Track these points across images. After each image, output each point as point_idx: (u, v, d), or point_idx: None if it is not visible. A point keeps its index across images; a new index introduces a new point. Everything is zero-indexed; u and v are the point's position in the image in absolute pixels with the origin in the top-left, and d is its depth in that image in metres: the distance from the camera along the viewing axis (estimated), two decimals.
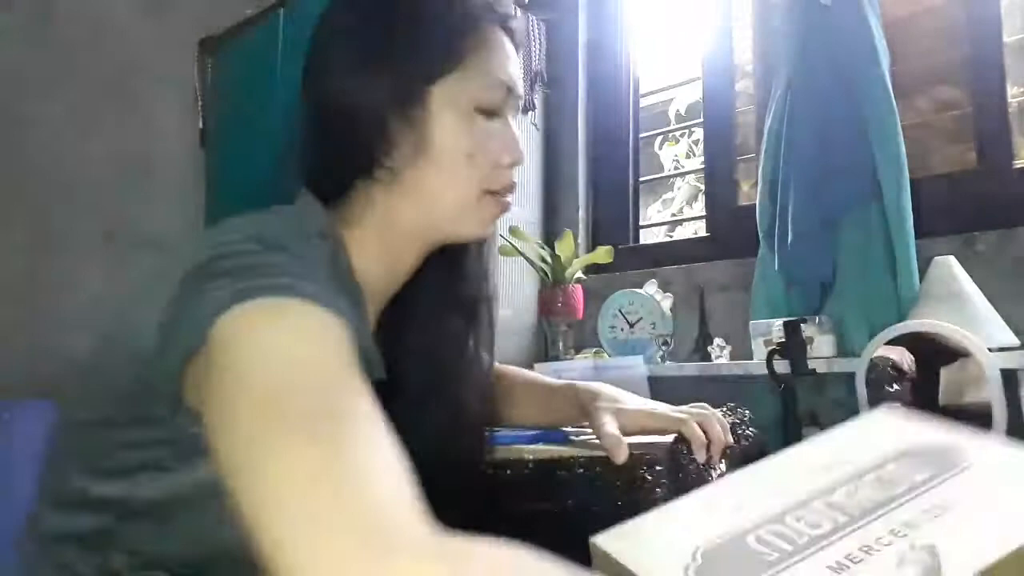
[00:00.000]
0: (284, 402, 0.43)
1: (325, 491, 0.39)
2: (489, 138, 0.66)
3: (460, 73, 0.64)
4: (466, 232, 0.69)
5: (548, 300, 1.74)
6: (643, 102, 2.09)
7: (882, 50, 1.35)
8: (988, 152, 1.43)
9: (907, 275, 1.27)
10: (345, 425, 0.43)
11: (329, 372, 0.46)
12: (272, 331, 0.47)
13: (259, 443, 0.42)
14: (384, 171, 0.65)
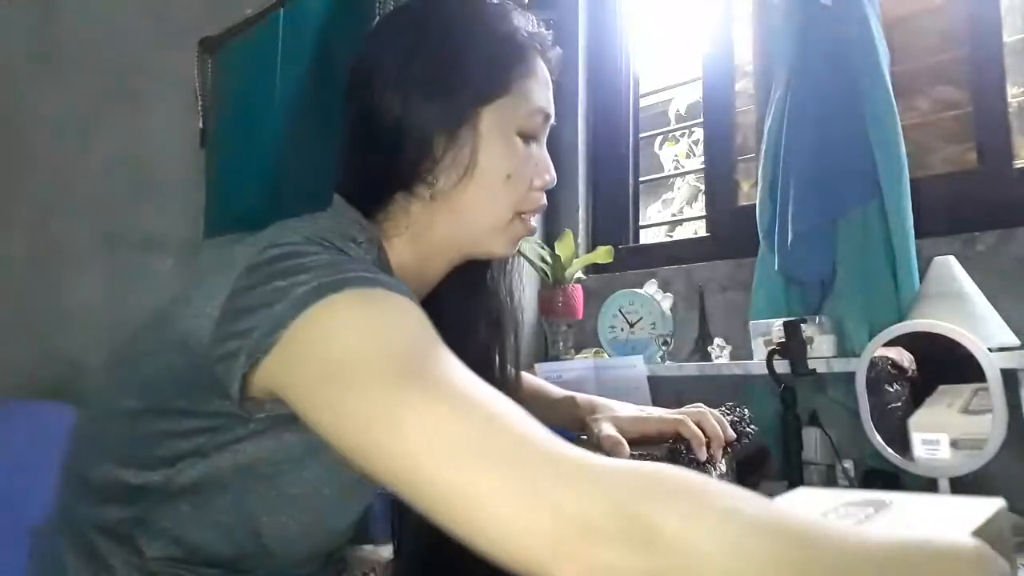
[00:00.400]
0: (411, 364, 0.47)
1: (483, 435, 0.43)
2: (527, 161, 0.71)
3: (507, 98, 0.68)
4: (495, 250, 0.72)
5: (548, 300, 1.74)
6: (643, 102, 2.09)
7: (882, 50, 1.35)
8: (988, 152, 1.43)
9: (907, 275, 1.27)
10: (464, 382, 0.47)
11: (430, 340, 0.51)
12: (370, 312, 0.51)
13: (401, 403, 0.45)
14: (424, 186, 0.67)
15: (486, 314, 0.78)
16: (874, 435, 1.12)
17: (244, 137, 1.83)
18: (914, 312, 1.20)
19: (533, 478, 0.42)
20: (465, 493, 0.42)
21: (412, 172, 0.67)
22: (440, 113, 0.66)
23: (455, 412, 0.45)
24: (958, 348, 1.05)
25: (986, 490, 1.11)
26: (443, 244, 0.71)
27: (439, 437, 0.44)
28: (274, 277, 0.54)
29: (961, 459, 1.04)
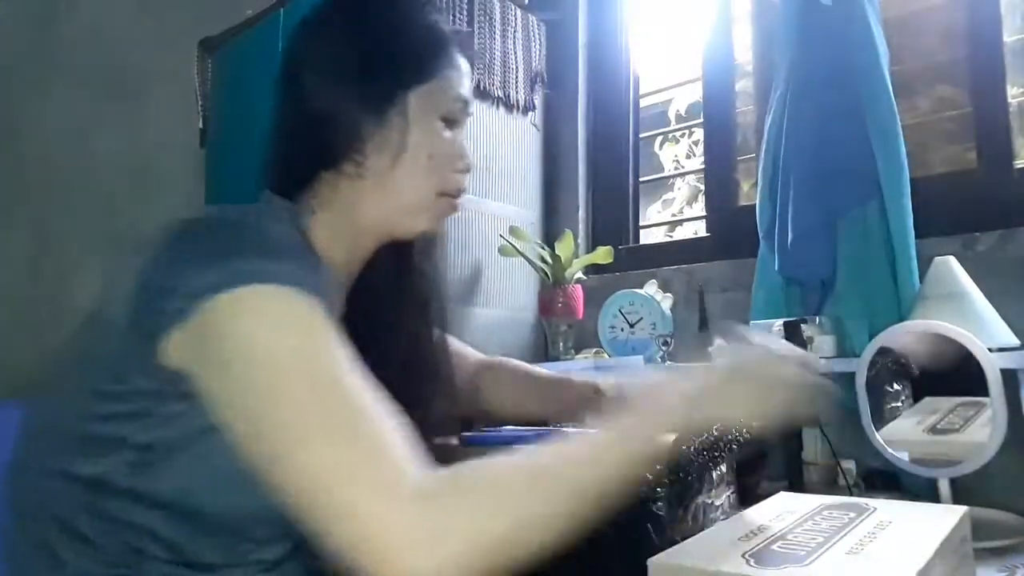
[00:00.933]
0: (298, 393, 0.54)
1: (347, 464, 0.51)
2: (448, 144, 0.76)
3: (431, 84, 0.74)
4: (419, 227, 0.77)
5: (548, 300, 1.74)
6: (643, 102, 2.09)
7: (882, 50, 1.34)
8: (988, 152, 1.43)
9: (907, 275, 1.27)
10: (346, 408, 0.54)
11: (329, 363, 0.56)
12: (272, 322, 0.56)
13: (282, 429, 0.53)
14: (352, 165, 0.72)
15: (414, 291, 0.83)
16: (874, 435, 1.12)
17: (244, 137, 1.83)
18: (914, 312, 1.20)
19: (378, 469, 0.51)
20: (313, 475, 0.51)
21: (342, 151, 0.72)
22: (370, 95, 0.71)
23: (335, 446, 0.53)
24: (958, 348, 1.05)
25: (986, 490, 1.11)
26: (370, 221, 0.75)
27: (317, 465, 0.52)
28: (187, 257, 0.60)
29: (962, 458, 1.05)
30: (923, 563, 0.51)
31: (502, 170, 1.85)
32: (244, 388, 0.56)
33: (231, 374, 0.56)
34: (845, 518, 0.64)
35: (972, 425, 1.05)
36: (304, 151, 0.75)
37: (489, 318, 1.77)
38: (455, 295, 1.69)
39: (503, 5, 1.85)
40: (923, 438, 1.09)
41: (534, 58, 1.94)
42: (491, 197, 1.81)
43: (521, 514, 0.52)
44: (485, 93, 1.79)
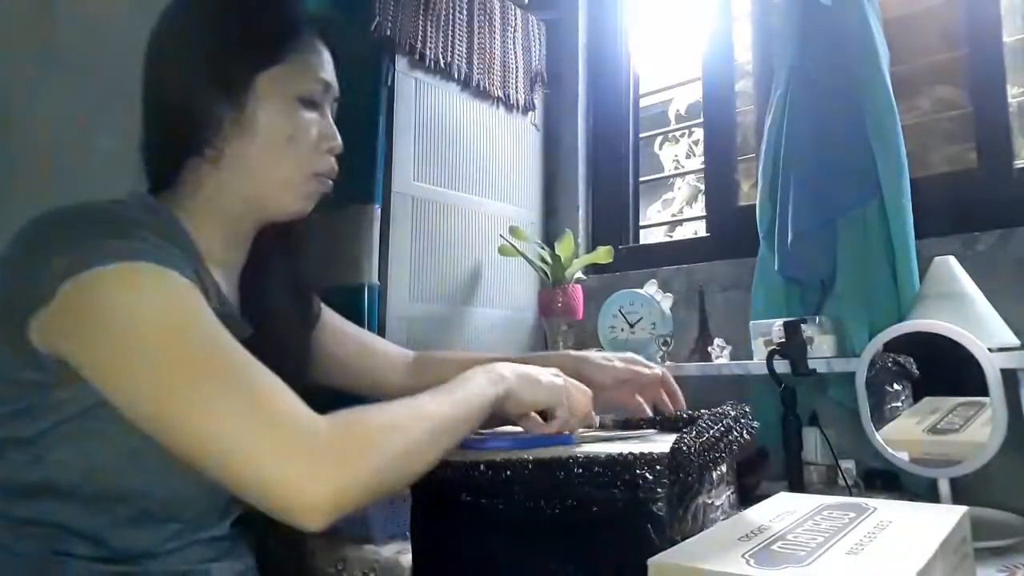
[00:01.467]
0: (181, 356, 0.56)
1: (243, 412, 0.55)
2: (308, 125, 0.76)
3: (283, 67, 0.75)
4: (290, 207, 0.78)
5: (548, 300, 1.74)
6: (643, 102, 2.09)
7: (882, 50, 1.34)
8: (988, 152, 1.43)
9: (907, 275, 1.27)
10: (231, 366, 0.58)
11: (199, 327, 0.59)
12: (143, 295, 0.58)
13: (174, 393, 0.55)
14: (211, 150, 0.73)
15: (291, 284, 0.85)
16: (874, 435, 1.12)
17: None
18: (914, 312, 1.20)
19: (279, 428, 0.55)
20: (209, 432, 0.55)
21: (198, 136, 0.72)
22: (219, 76, 0.72)
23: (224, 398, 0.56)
24: (958, 348, 1.05)
25: (986, 490, 1.11)
26: (239, 205, 0.76)
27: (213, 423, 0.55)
28: (44, 241, 0.62)
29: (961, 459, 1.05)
30: (923, 563, 0.51)
31: (502, 170, 1.85)
32: (124, 360, 0.57)
33: (107, 348, 0.57)
34: (845, 518, 0.64)
35: (972, 425, 1.05)
36: (164, 140, 0.76)
37: (489, 318, 1.77)
38: (455, 295, 1.70)
39: (503, 5, 1.85)
40: (923, 438, 1.09)
41: (534, 58, 1.94)
42: (491, 197, 1.81)
43: (396, 449, 0.59)
44: (485, 93, 1.79)
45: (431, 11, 1.64)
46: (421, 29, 1.61)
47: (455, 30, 1.70)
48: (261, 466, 0.54)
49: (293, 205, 0.78)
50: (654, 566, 0.56)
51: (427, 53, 1.62)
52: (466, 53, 1.73)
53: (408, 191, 1.60)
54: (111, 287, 0.58)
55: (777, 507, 0.69)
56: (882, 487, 1.23)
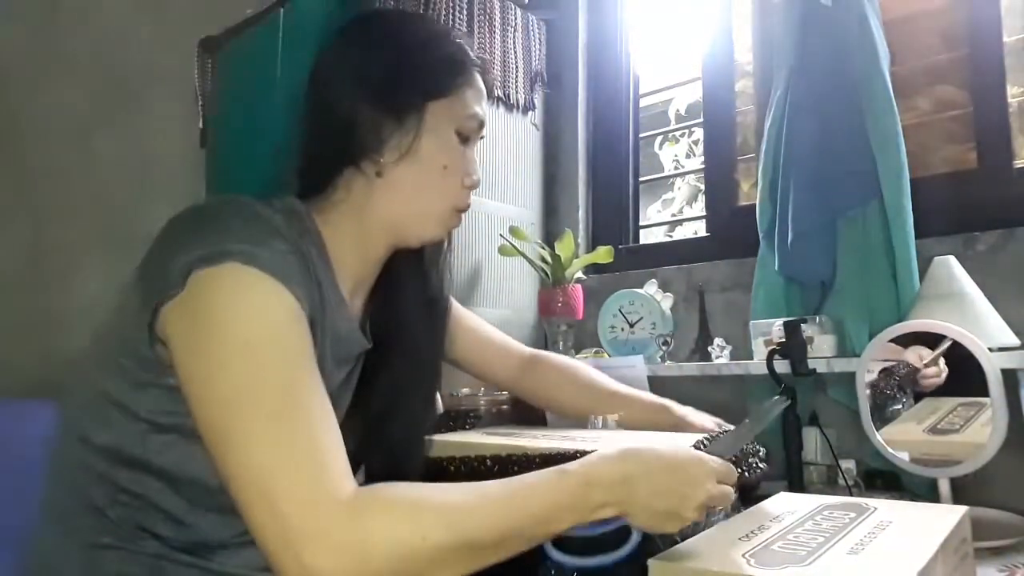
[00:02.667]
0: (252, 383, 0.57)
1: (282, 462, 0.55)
2: (461, 158, 0.81)
3: (449, 100, 0.79)
4: (428, 235, 0.82)
5: (548, 300, 1.74)
6: (643, 102, 2.09)
7: (882, 50, 1.34)
8: (988, 152, 1.43)
9: (907, 275, 1.27)
10: (297, 406, 0.58)
11: (286, 356, 0.60)
12: (241, 306, 0.60)
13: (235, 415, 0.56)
14: (372, 165, 0.77)
15: (423, 297, 0.88)
16: (874, 435, 1.12)
17: (244, 137, 1.83)
18: (914, 312, 1.20)
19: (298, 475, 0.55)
20: (250, 470, 0.55)
21: (361, 151, 0.76)
22: (392, 102, 0.76)
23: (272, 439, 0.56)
24: (958, 348, 1.05)
25: (986, 490, 1.11)
26: (380, 220, 0.79)
27: (255, 461, 0.56)
28: (177, 237, 0.65)
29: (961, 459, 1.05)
30: (923, 563, 0.51)
31: (502, 170, 1.85)
32: (202, 364, 0.59)
33: (194, 347, 0.60)
34: (845, 518, 0.64)
35: (972, 425, 1.05)
36: (328, 150, 0.78)
37: (489, 318, 1.75)
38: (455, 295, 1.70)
39: (503, 5, 1.85)
40: (923, 438, 1.09)
41: (534, 58, 1.94)
42: (491, 197, 1.81)
43: (434, 543, 0.54)
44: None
45: (431, 11, 1.64)
46: None
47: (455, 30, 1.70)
48: (280, 527, 0.53)
49: (430, 233, 0.82)
50: (654, 566, 0.56)
51: None
52: None
53: None
54: (218, 285, 0.61)
55: (777, 507, 0.69)
56: (882, 487, 1.23)
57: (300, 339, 0.62)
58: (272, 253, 0.63)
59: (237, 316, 0.60)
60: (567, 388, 1.06)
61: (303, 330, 0.63)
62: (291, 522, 0.53)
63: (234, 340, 0.59)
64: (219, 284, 0.61)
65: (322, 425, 0.59)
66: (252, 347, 0.59)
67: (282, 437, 0.56)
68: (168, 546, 0.67)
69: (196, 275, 0.61)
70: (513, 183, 1.88)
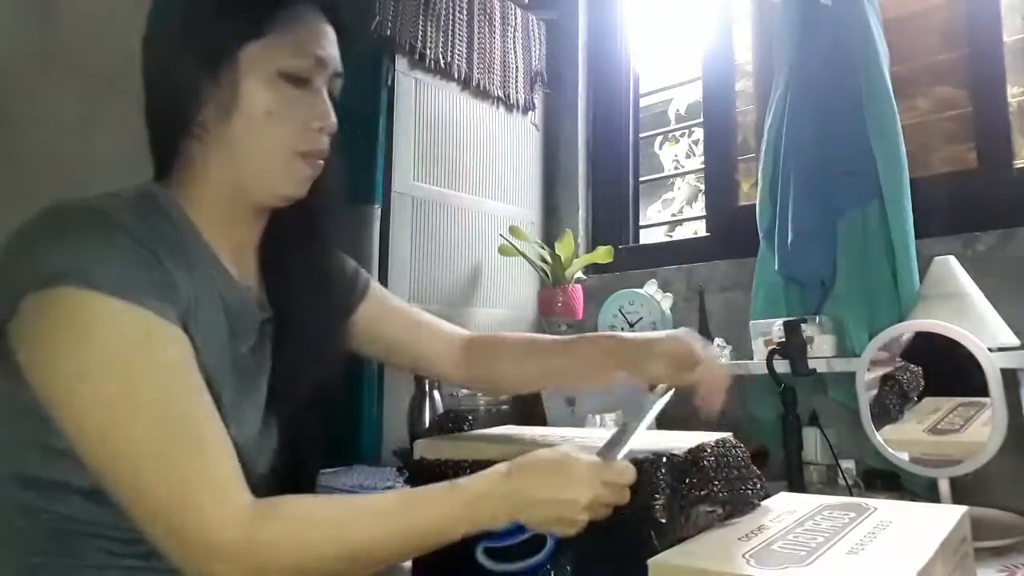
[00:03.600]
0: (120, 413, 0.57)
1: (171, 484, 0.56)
2: (294, 102, 0.71)
3: (266, 40, 0.70)
4: (279, 190, 0.73)
5: (548, 300, 1.74)
6: (643, 102, 2.09)
7: (882, 50, 1.35)
8: (988, 152, 1.43)
9: (907, 275, 1.27)
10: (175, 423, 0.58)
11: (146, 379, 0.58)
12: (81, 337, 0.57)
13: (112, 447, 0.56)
14: (199, 128, 0.70)
15: (308, 269, 0.81)
16: (874, 435, 1.12)
17: None
18: (914, 312, 1.20)
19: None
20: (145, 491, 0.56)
21: (183, 114, 0.70)
22: (201, 53, 0.69)
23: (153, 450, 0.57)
24: (958, 348, 1.05)
25: (986, 490, 1.11)
26: (225, 188, 0.72)
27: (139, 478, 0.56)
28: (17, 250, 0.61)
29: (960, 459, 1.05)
30: (923, 563, 0.51)
31: (502, 170, 1.85)
32: (62, 398, 0.58)
33: (48, 382, 0.58)
34: (845, 518, 0.64)
35: (972, 425, 1.05)
36: (156, 119, 0.74)
37: (489, 318, 1.77)
38: (455, 295, 1.70)
39: (503, 5, 1.85)
40: (923, 438, 1.09)
41: (534, 58, 1.94)
42: (491, 197, 1.81)
43: (326, 554, 0.57)
44: (485, 93, 1.79)
45: (431, 11, 1.64)
46: (421, 29, 1.61)
47: (455, 30, 1.70)
48: (182, 543, 0.56)
49: (279, 188, 0.73)
50: (654, 566, 0.56)
51: (427, 53, 1.62)
52: (466, 53, 1.73)
53: (408, 191, 1.60)
54: (54, 316, 0.58)
55: (777, 507, 0.69)
56: (882, 487, 1.23)
57: (161, 353, 0.59)
58: (108, 266, 0.59)
59: (82, 347, 0.57)
60: (512, 359, 0.93)
61: (164, 341, 0.60)
62: (187, 538, 0.55)
63: (88, 372, 0.57)
64: (53, 313, 0.57)
65: (206, 436, 0.59)
66: (107, 376, 0.57)
67: (166, 459, 0.56)
68: (109, 553, 0.64)
69: (28, 298, 0.58)
70: (513, 183, 1.89)
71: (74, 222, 0.61)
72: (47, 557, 0.63)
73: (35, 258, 0.59)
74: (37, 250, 0.60)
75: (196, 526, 0.55)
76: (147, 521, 0.57)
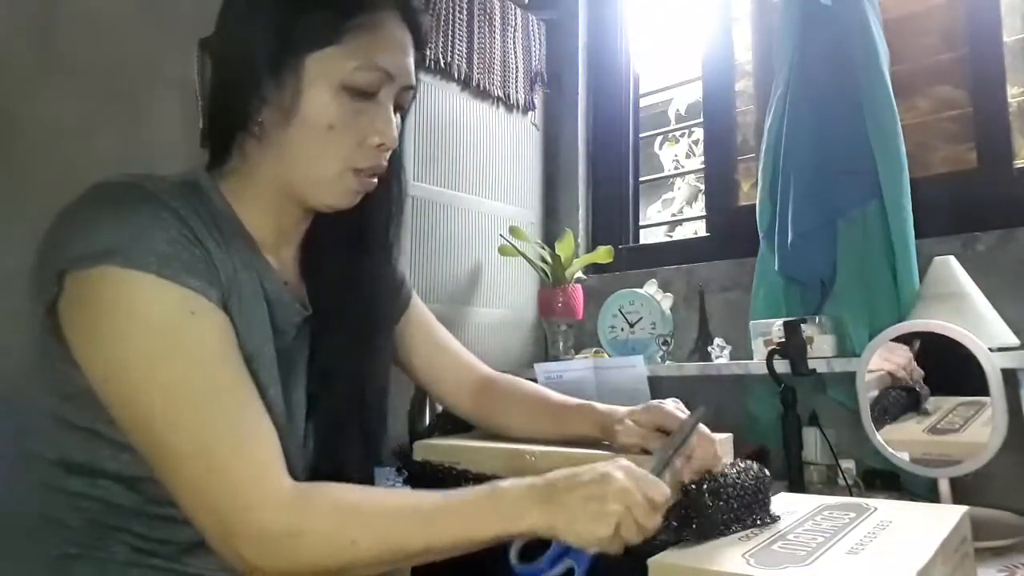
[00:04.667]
0: (163, 391, 0.57)
1: (211, 465, 0.56)
2: (356, 116, 0.69)
3: (336, 49, 0.68)
4: (327, 201, 0.73)
5: (548, 300, 1.74)
6: (643, 102, 2.09)
7: (882, 50, 1.34)
8: (988, 152, 1.43)
9: (907, 275, 1.27)
10: (214, 404, 0.58)
11: (187, 359, 0.58)
12: (122, 312, 0.58)
13: (155, 425, 0.57)
14: (257, 127, 0.69)
15: (354, 271, 0.80)
16: (874, 435, 1.12)
17: None
18: (914, 312, 1.20)
19: None
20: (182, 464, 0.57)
21: (242, 112, 0.69)
22: (267, 54, 0.67)
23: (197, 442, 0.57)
24: (958, 348, 1.05)
25: (986, 490, 1.11)
26: (273, 187, 0.72)
27: (181, 464, 0.57)
28: (64, 225, 0.61)
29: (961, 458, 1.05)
30: (923, 563, 0.51)
31: (502, 170, 1.85)
32: (108, 377, 0.58)
33: (92, 358, 0.59)
34: (845, 518, 0.64)
35: (972, 425, 1.05)
36: (219, 113, 0.74)
37: (489, 318, 1.77)
38: (455, 295, 1.69)
39: (503, 5, 1.85)
40: (923, 438, 1.09)
41: (534, 58, 1.94)
42: (491, 197, 1.81)
43: (362, 547, 0.57)
44: (485, 93, 1.79)
45: (431, 11, 1.64)
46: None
47: (455, 30, 1.70)
48: (215, 519, 0.57)
49: (329, 199, 0.72)
50: (654, 566, 0.56)
51: (427, 53, 1.62)
52: (466, 53, 1.73)
53: (408, 191, 1.59)
54: (96, 293, 0.58)
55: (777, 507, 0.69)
56: (882, 487, 1.23)
57: (203, 332, 0.60)
58: (151, 244, 0.59)
59: (126, 326, 0.58)
60: (534, 410, 0.91)
61: (206, 321, 0.60)
62: (228, 520, 0.56)
63: (132, 352, 0.57)
64: (97, 292, 0.58)
65: (246, 415, 0.59)
66: (151, 356, 0.57)
67: (205, 438, 0.57)
68: (137, 551, 0.64)
69: (72, 277, 0.59)
70: (513, 183, 1.88)
71: (118, 200, 0.62)
72: (82, 549, 0.64)
73: (78, 236, 0.59)
74: (80, 228, 0.60)
75: (234, 506, 0.56)
76: (186, 500, 0.57)
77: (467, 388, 0.93)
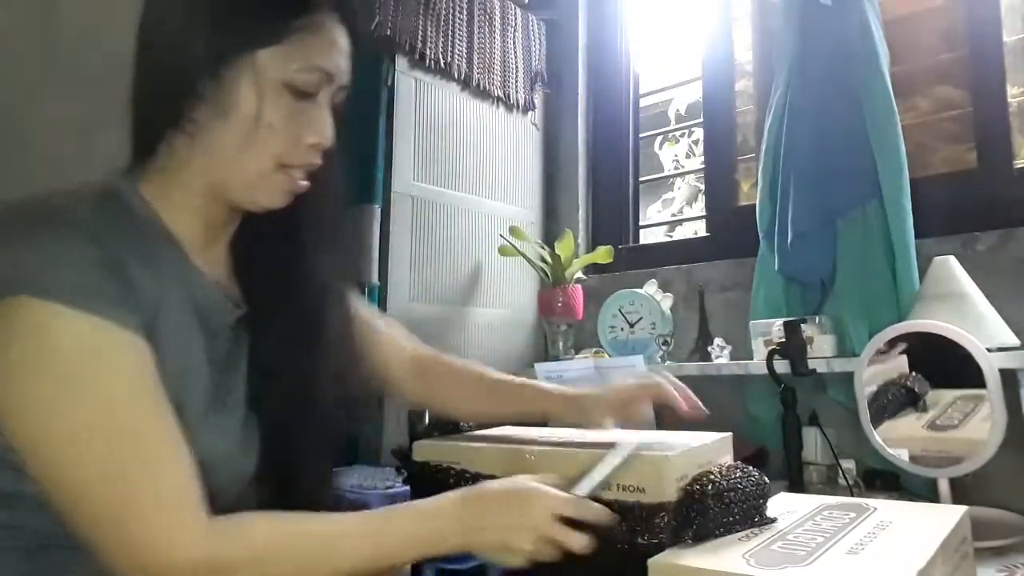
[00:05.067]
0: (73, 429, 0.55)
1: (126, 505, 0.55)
2: (293, 115, 0.69)
3: (278, 49, 0.67)
4: (257, 200, 0.71)
5: (548, 300, 1.74)
6: (643, 102, 2.09)
7: (882, 50, 1.35)
8: (988, 152, 1.43)
9: (907, 275, 1.27)
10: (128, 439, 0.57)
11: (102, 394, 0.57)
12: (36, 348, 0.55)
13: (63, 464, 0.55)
14: (190, 123, 0.67)
15: (296, 269, 0.78)
16: (873, 435, 1.12)
17: None
18: (914, 312, 1.20)
19: None
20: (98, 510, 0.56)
21: (175, 107, 0.67)
22: (207, 50, 0.66)
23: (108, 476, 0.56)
24: (957, 348, 1.05)
25: (986, 490, 1.11)
26: (203, 184, 0.70)
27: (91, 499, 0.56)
28: None
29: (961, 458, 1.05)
30: (923, 563, 0.51)
31: (502, 170, 1.85)
32: (18, 412, 0.56)
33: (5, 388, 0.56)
34: (845, 518, 0.64)
35: (971, 421, 1.05)
36: (145, 106, 0.71)
37: (489, 318, 1.77)
38: (455, 295, 1.70)
39: (503, 5, 1.85)
40: (922, 434, 1.09)
41: (534, 58, 1.94)
42: (491, 197, 1.81)
43: None
44: (485, 93, 1.79)
45: (431, 11, 1.64)
46: (421, 29, 1.61)
47: (455, 30, 1.70)
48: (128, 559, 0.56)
49: (259, 198, 0.70)
50: (654, 566, 0.56)
51: (427, 53, 1.62)
52: (466, 53, 1.73)
53: (408, 191, 1.60)
54: (8, 325, 0.56)
55: (777, 507, 0.69)
56: (882, 487, 1.23)
57: (116, 363, 0.58)
58: (63, 272, 0.57)
59: (34, 360, 0.55)
60: (474, 389, 0.93)
61: (120, 350, 0.58)
62: (133, 556, 0.55)
63: (41, 388, 0.55)
64: (6, 324, 0.55)
65: (158, 452, 0.58)
66: (59, 393, 0.55)
67: (112, 476, 0.55)
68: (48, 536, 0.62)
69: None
70: (513, 183, 1.89)
71: (29, 224, 0.58)
72: None
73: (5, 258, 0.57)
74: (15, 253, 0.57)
75: (142, 545, 0.55)
76: (95, 538, 0.56)
77: (406, 369, 0.93)
